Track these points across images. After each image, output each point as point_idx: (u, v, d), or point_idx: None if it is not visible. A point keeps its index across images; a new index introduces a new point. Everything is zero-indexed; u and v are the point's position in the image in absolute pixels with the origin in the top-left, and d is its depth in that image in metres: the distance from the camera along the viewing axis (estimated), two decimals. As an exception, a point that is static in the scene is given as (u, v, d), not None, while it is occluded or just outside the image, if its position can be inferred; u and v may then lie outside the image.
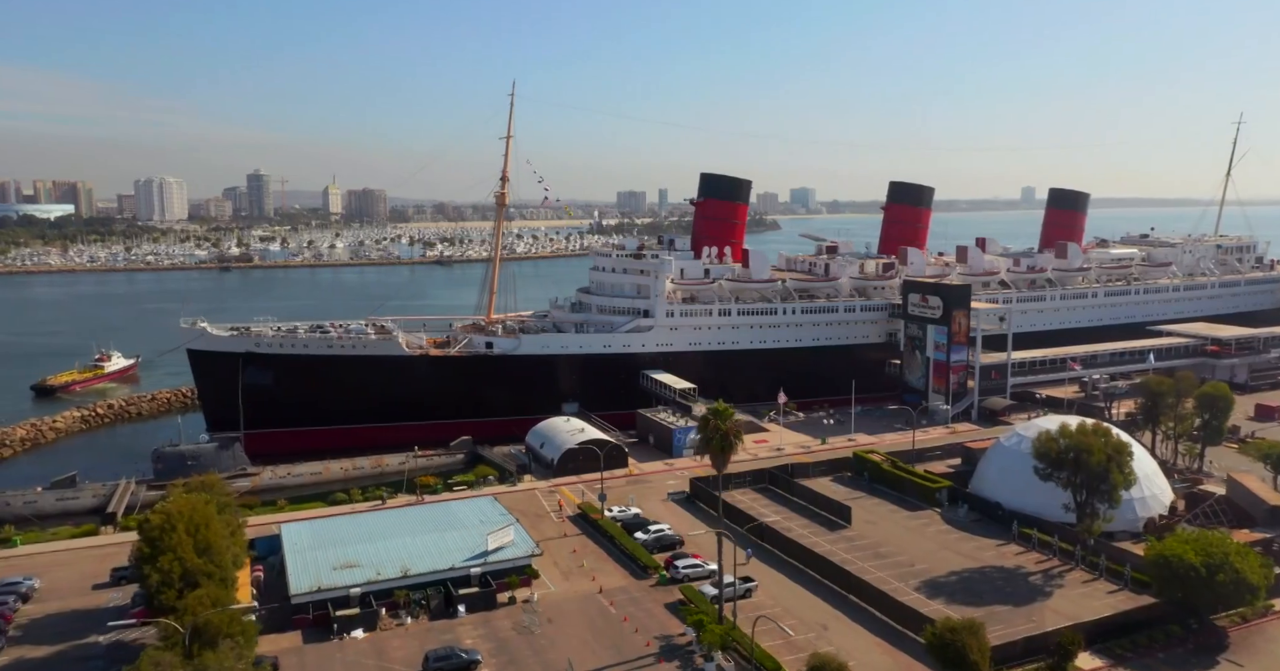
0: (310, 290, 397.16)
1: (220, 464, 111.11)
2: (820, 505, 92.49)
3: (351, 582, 70.45)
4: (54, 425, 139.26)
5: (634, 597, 73.64)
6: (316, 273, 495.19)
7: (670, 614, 70.63)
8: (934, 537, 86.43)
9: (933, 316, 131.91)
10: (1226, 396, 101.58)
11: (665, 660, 63.38)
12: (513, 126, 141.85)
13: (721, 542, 66.21)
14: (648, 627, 68.12)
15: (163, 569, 59.64)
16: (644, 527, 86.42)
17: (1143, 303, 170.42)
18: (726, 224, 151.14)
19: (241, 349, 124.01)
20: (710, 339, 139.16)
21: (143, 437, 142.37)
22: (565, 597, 73.73)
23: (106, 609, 72.55)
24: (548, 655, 64.14)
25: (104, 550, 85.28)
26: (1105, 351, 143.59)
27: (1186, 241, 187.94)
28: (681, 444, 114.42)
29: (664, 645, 65.53)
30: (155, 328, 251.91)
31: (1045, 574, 77.32)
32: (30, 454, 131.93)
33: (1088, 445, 75.01)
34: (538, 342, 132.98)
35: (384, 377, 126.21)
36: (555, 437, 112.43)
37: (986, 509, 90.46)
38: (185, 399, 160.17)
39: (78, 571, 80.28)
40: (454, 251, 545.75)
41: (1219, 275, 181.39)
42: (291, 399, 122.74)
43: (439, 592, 71.84)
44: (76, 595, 75.42)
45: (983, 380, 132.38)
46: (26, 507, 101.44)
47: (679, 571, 76.39)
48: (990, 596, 72.92)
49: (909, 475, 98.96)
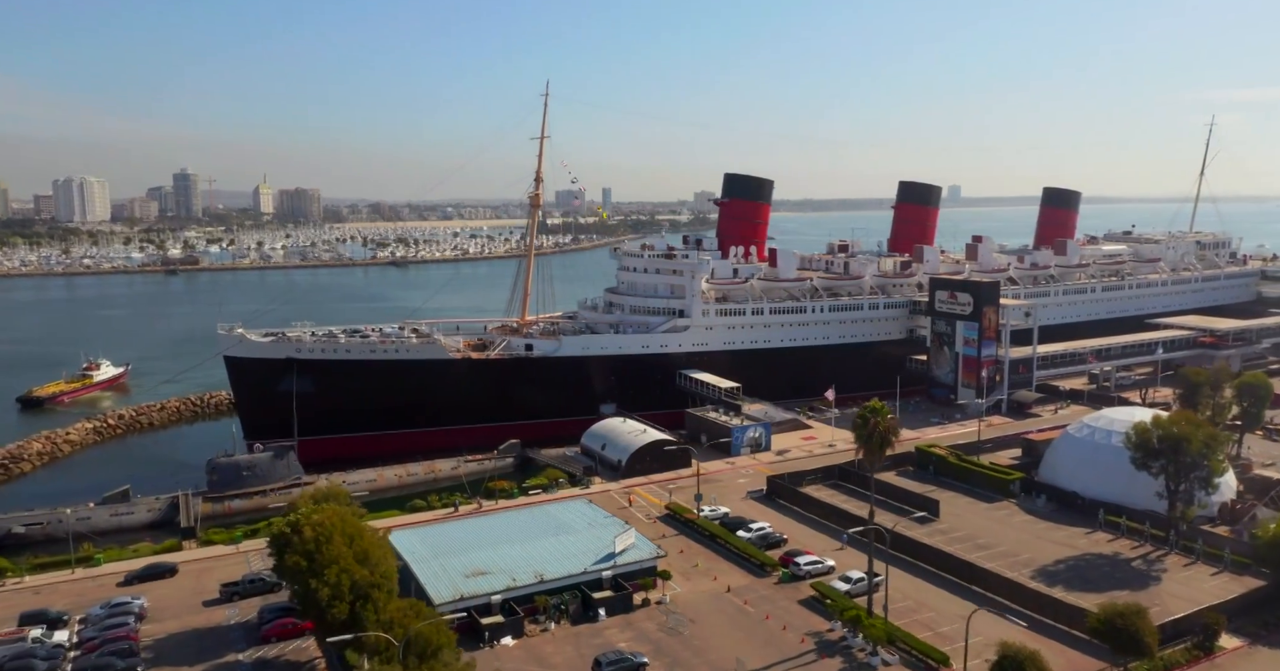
0: (266, 293, 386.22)
1: (275, 473, 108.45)
2: (901, 499, 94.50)
3: (492, 590, 69.70)
4: (68, 438, 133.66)
5: (763, 596, 74.46)
6: (266, 275, 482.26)
7: (807, 610, 71.70)
8: (1022, 527, 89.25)
9: (962, 312, 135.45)
10: (1266, 385, 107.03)
11: (826, 656, 64.41)
12: (546, 127, 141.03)
13: (873, 537, 67.54)
14: (794, 624, 69.04)
15: (330, 582, 58.40)
16: (744, 526, 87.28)
17: (1135, 297, 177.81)
18: (750, 223, 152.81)
19: (282, 355, 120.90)
20: (743, 338, 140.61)
21: (162, 447, 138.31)
22: (695, 597, 74.15)
23: (229, 625, 70.57)
24: (708, 655, 64.56)
25: (197, 565, 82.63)
26: (1117, 345, 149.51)
27: (1169, 238, 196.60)
28: (740, 442, 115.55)
29: (817, 641, 66.53)
30: (126, 333, 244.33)
31: (1145, 559, 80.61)
32: (50, 467, 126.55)
33: (1186, 434, 78.43)
34: (578, 344, 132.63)
35: (427, 382, 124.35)
36: (618, 439, 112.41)
37: (1063, 498, 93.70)
38: (195, 407, 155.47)
39: (178, 588, 77.71)
40: (408, 252, 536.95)
41: (1201, 270, 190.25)
42: (337, 405, 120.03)
43: (576, 597, 71.63)
44: (189, 612, 73.05)
45: (1010, 374, 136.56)
46: (80, 524, 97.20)
47: (800, 568, 77.47)
48: (1104, 582, 75.74)
49: (978, 467, 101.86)
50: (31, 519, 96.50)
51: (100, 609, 71.70)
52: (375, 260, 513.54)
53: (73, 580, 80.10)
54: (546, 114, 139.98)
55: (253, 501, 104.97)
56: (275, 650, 66.51)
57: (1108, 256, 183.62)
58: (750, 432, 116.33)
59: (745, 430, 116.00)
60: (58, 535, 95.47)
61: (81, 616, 71.50)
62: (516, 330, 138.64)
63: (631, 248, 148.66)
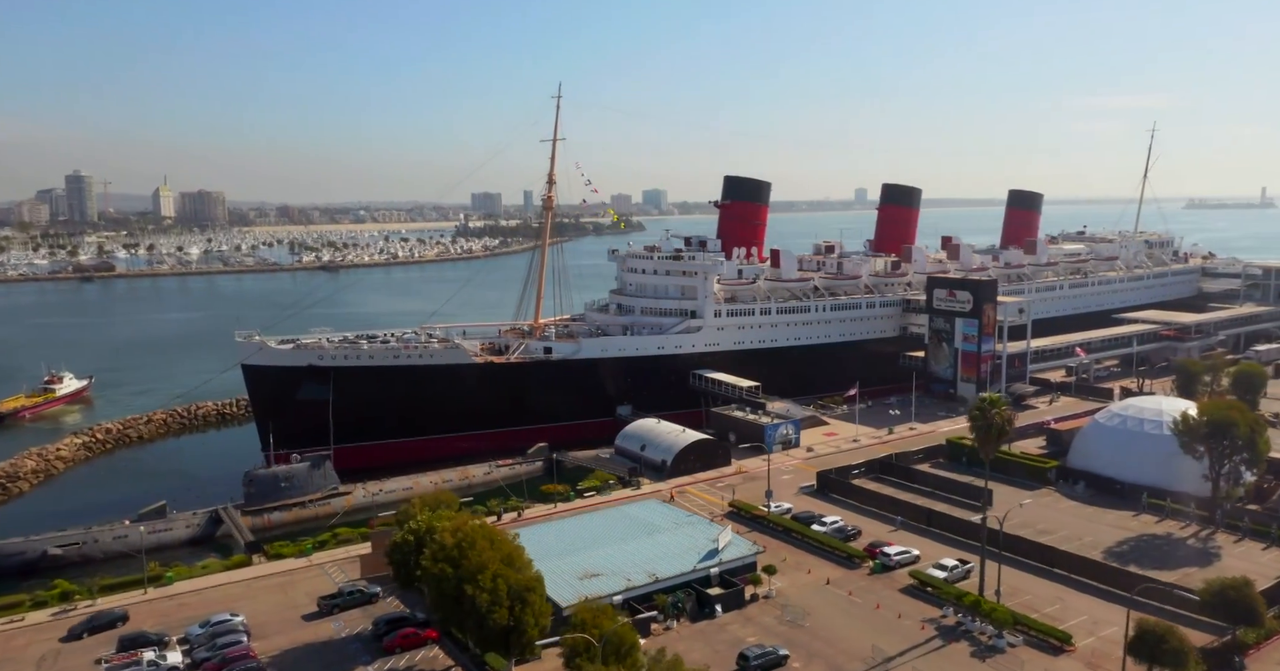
0: (199, 300, 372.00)
1: (313, 484, 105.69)
2: (953, 489, 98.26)
3: (612, 591, 69.87)
4: (59, 454, 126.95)
5: (862, 586, 76.61)
6: (187, 281, 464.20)
7: (910, 598, 74.12)
8: (1071, 513, 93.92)
9: (962, 310, 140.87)
10: (1261, 373, 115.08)
11: (951, 641, 66.87)
12: (559, 129, 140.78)
13: (986, 525, 70.44)
14: (906, 612, 71.35)
15: (486, 587, 57.91)
16: (816, 521, 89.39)
17: (1097, 293, 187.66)
18: (750, 225, 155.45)
19: (303, 362, 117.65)
20: (752, 337, 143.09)
21: (160, 461, 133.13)
22: (798, 591, 75.76)
23: (342, 639, 68.86)
24: (840, 645, 66.23)
25: (276, 580, 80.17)
26: (1098, 338, 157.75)
27: (1121, 238, 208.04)
28: (772, 440, 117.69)
29: (935, 627, 68.98)
30: (68, 344, 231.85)
31: (1196, 538, 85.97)
32: (49, 485, 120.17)
33: (1232, 419, 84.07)
34: (596, 346, 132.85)
35: (453, 386, 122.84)
36: (659, 439, 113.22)
37: (1101, 484, 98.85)
38: (182, 419, 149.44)
39: (270, 603, 75.25)
40: (336, 256, 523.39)
41: (1152, 268, 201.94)
42: (364, 412, 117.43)
43: (691, 595, 72.44)
44: (292, 627, 70.95)
45: (1005, 368, 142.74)
46: (118, 543, 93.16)
47: (891, 559, 79.95)
48: (1172, 560, 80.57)
49: (1014, 457, 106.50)
50: (65, 539, 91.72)
51: (200, 628, 69.06)
52: (304, 265, 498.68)
53: (147, 600, 76.66)
54: (559, 116, 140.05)
55: (291, 513, 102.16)
56: (402, 661, 65.29)
57: (1071, 255, 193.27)
58: (782, 430, 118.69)
59: (777, 428, 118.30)
60: (94, 555, 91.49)
61: (179, 637, 68.71)
62: (529, 333, 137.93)
63: (635, 250, 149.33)
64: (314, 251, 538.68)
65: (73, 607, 74.79)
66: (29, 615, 73.44)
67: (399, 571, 67.78)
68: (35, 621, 72.74)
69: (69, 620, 72.45)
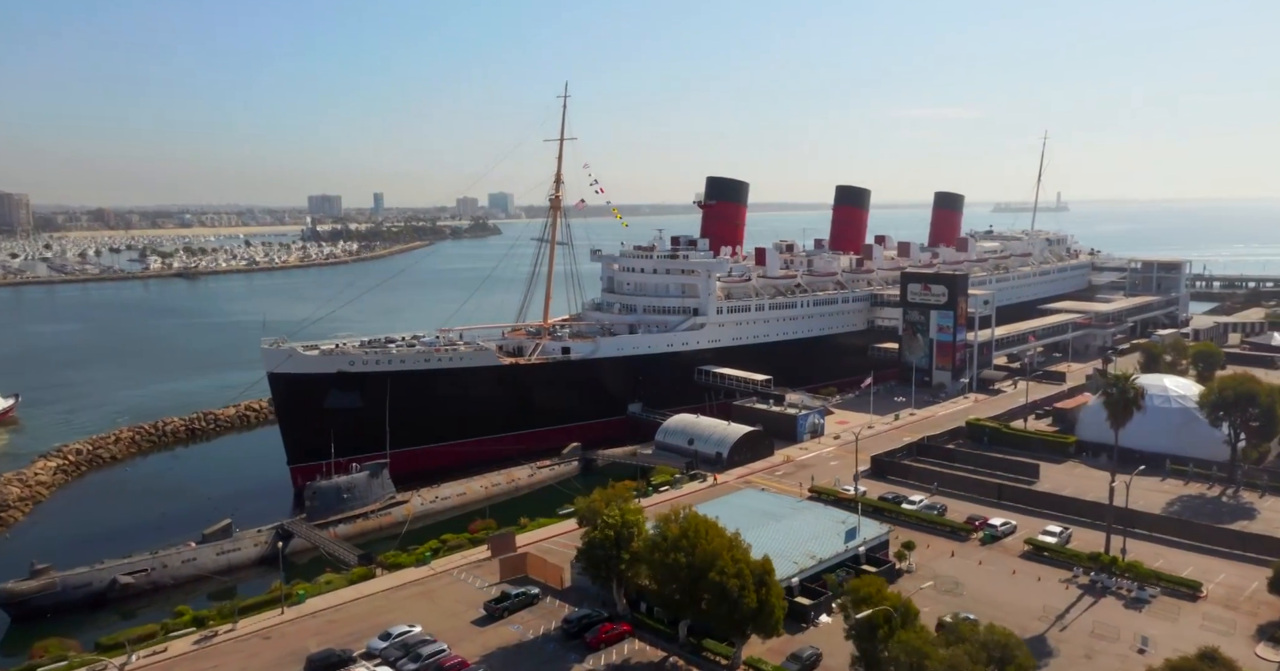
0: (55, 312, 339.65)
1: (372, 493, 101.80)
2: (1000, 466, 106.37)
3: (788, 573, 72.24)
4: (37, 479, 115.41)
5: (985, 556, 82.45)
6: (21, 292, 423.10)
7: (1032, 562, 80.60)
8: (1105, 481, 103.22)
9: (937, 302, 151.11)
10: (1218, 353, 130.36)
11: (1100, 596, 73.54)
12: (565, 129, 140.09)
13: (1112, 494, 77.79)
14: (1043, 576, 77.63)
15: (731, 573, 59.43)
16: (904, 500, 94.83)
17: (1017, 287, 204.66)
18: (731, 224, 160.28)
19: (332, 369, 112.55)
20: (749, 333, 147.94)
21: (150, 479, 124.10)
22: (931, 563, 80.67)
23: (531, 641, 67.92)
24: (1006, 607, 71.20)
25: (412, 590, 77.57)
26: (1041, 326, 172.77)
27: (1027, 236, 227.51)
28: (803, 429, 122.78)
29: (1078, 586, 75.58)
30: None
31: (1227, 496, 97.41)
32: (43, 511, 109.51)
33: (1254, 390, 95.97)
34: (612, 345, 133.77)
35: (482, 389, 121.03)
36: (707, 433, 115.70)
37: (1120, 454, 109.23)
38: (150, 436, 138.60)
39: (429, 612, 72.83)
40: (196, 263, 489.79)
41: (1056, 263, 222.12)
42: (402, 418, 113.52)
43: (850, 573, 75.87)
44: (471, 634, 69.23)
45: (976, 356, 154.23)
46: (188, 567, 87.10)
47: (997, 530, 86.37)
48: (1218, 516, 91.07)
49: (1034, 434, 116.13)
50: (133, 566, 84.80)
51: (381, 641, 66.34)
52: (161, 272, 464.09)
53: (289, 620, 72.38)
54: (565, 116, 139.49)
55: (355, 525, 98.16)
56: (612, 655, 65.35)
57: (992, 252, 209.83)
58: (811, 419, 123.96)
59: (807, 418, 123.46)
60: (163, 582, 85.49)
61: (361, 652, 65.73)
62: (536, 334, 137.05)
63: (628, 250, 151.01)
64: (166, 257, 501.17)
65: (213, 634, 69.70)
66: (171, 645, 67.97)
67: (598, 567, 67.50)
68: (180, 651, 67.43)
69: (218, 647, 67.66)
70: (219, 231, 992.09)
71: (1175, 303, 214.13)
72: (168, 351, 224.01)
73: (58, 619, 78.68)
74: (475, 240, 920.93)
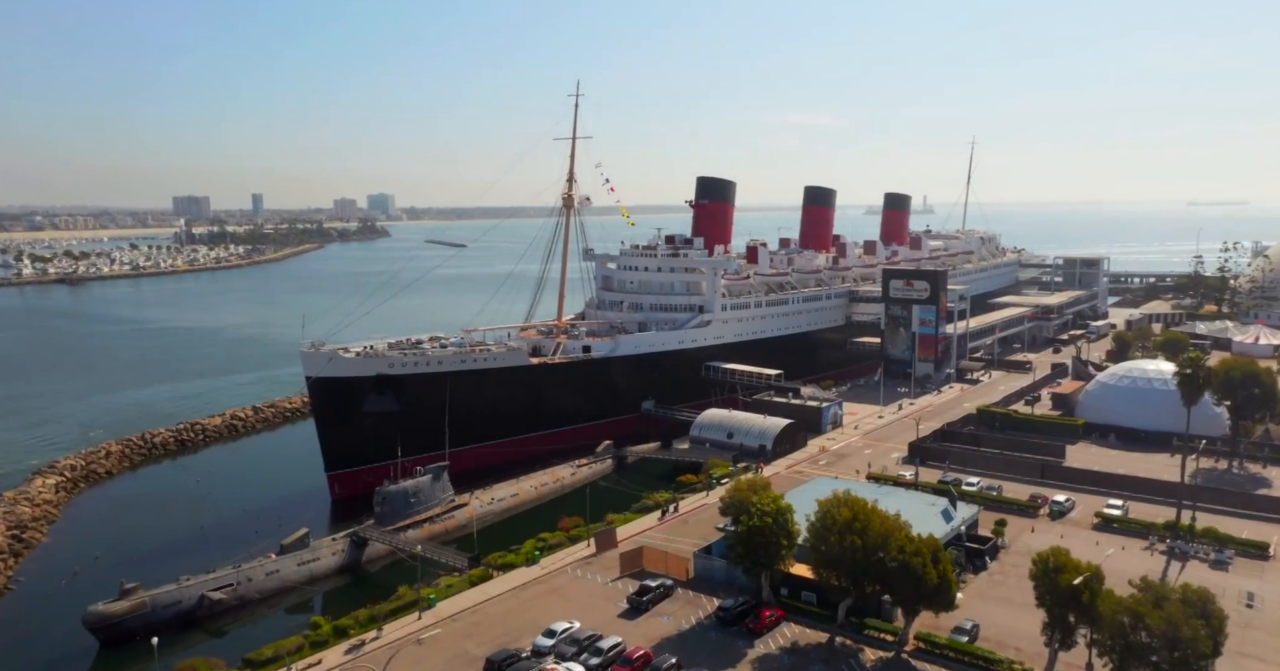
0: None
1: (434, 496, 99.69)
2: (1025, 449, 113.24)
3: (917, 553, 75.60)
4: (43, 496, 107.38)
5: (1062, 530, 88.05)
6: None
7: (1105, 533, 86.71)
8: (1121, 459, 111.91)
9: (919, 297, 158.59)
10: (1184, 340, 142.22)
11: (1182, 561, 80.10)
12: (577, 128, 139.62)
13: (1184, 468, 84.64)
14: (1125, 544, 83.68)
15: (907, 549, 62.35)
16: (961, 484, 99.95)
17: (961, 282, 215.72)
18: (721, 223, 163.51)
19: (371, 372, 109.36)
20: (749, 329, 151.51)
21: (162, 490, 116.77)
22: (1017, 539, 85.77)
23: (690, 628, 68.83)
24: (1115, 573, 76.16)
25: (538, 588, 77.01)
26: (1002, 319, 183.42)
27: (965, 236, 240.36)
28: (826, 420, 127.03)
29: (1158, 551, 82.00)
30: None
31: (1235, 467, 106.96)
32: (59, 531, 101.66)
33: (1257, 370, 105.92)
34: (631, 343, 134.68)
35: (518, 389, 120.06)
36: (746, 426, 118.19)
37: (1125, 434, 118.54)
38: (140, 448, 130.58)
39: (567, 609, 72.46)
40: (76, 267, 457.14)
41: (992, 260, 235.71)
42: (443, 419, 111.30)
43: (960, 551, 79.96)
44: (627, 626, 69.45)
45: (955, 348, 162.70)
46: (271, 579, 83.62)
47: (1062, 505, 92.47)
48: (1246, 485, 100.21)
49: (1042, 418, 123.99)
50: (219, 581, 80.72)
51: (546, 638, 65.86)
52: (38, 278, 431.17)
53: (431, 624, 70.61)
54: (577, 115, 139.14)
55: (424, 530, 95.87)
56: (778, 638, 67.06)
57: (939, 250, 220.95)
58: (833, 411, 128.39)
59: (829, 409, 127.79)
60: (249, 596, 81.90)
61: (525, 653, 65.02)
62: (549, 334, 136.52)
63: (627, 248, 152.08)
64: (41, 262, 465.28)
65: (360, 643, 67.48)
66: (323, 656, 65.47)
67: (756, 554, 68.89)
68: (336, 662, 65.06)
69: (373, 655, 65.56)
70: (76, 234, 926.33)
71: (1096, 297, 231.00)
72: (104, 361, 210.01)
73: (146, 640, 73.70)
74: (364, 242, 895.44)
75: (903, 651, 65.01)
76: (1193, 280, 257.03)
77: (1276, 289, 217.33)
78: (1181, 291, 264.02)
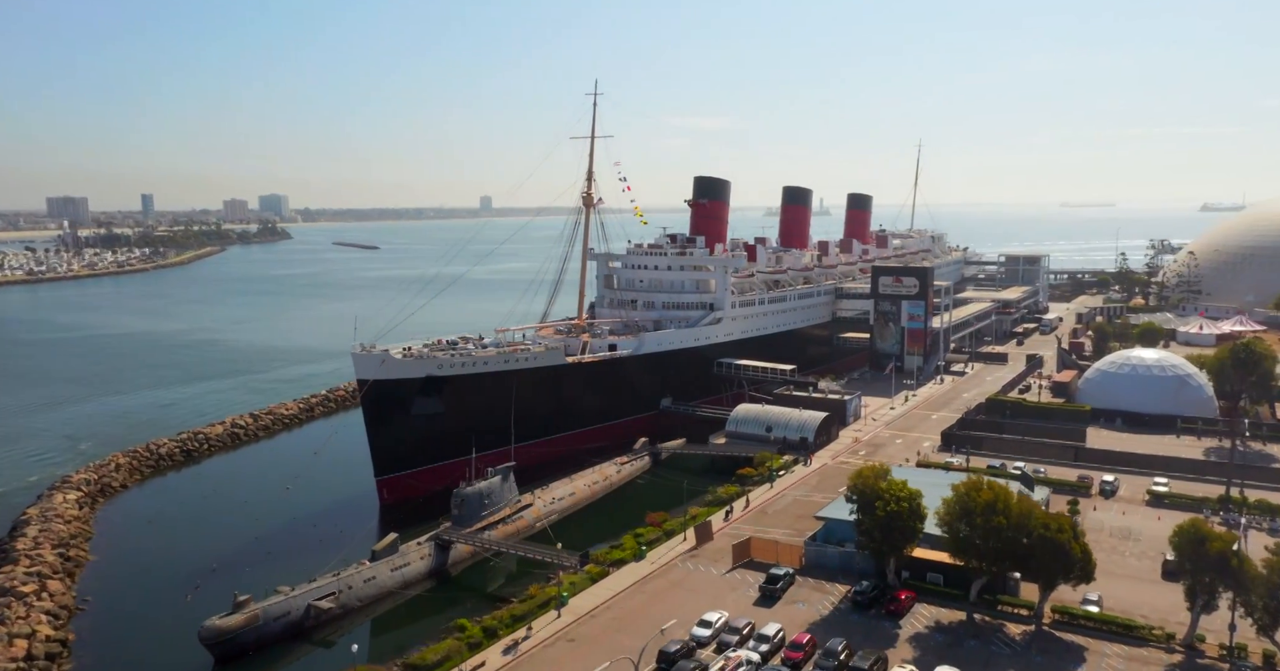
0: None
1: (504, 497, 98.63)
2: (1047, 435, 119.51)
3: (1017, 532, 79.43)
4: (70, 512, 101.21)
5: (1120, 507, 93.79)
6: None
7: (1158, 508, 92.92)
8: (1133, 441, 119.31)
9: (908, 293, 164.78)
10: (1160, 329, 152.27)
11: (1244, 531, 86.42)
12: (596, 127, 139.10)
13: (1234, 448, 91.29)
14: (1180, 518, 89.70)
15: (1051, 527, 66.00)
16: (1007, 467, 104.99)
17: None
18: (717, 221, 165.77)
19: (420, 373, 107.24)
20: (754, 326, 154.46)
21: (189, 500, 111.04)
22: (1085, 517, 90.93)
23: (826, 615, 70.75)
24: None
25: (661, 582, 77.53)
26: (974, 313, 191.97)
27: (919, 235, 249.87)
28: (850, 412, 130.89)
29: (1214, 524, 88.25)
30: None
31: (1242, 445, 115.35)
32: (100, 548, 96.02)
33: (1259, 355, 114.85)
34: (653, 341, 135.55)
35: (555, 389, 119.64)
36: (784, 420, 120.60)
37: (1131, 418, 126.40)
38: (148, 460, 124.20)
39: (701, 600, 73.35)
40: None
41: (946, 258, 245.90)
42: (492, 420, 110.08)
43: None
44: (765, 613, 70.79)
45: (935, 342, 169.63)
46: (369, 586, 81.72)
47: (1112, 484, 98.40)
48: (1252, 459, 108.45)
49: (1049, 405, 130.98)
50: (322, 590, 78.25)
51: (701, 629, 66.69)
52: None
53: (570, 623, 70.35)
54: (595, 114, 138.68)
55: (499, 531, 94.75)
56: (918, 619, 69.60)
57: (900, 248, 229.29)
58: (854, 403, 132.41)
59: (852, 401, 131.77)
60: (351, 604, 79.88)
61: (688, 641, 65.72)
62: (568, 332, 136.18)
63: (633, 247, 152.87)
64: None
65: (513, 643, 66.77)
66: (485, 657, 64.58)
67: (889, 537, 71.27)
68: (501, 663, 64.30)
69: (535, 655, 65.10)
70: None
71: (1038, 293, 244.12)
72: (62, 370, 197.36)
73: (258, 655, 71.70)
74: (266, 245, 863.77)
75: (1042, 624, 68.49)
76: (1118, 276, 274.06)
77: (1200, 283, 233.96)
78: (1104, 287, 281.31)
